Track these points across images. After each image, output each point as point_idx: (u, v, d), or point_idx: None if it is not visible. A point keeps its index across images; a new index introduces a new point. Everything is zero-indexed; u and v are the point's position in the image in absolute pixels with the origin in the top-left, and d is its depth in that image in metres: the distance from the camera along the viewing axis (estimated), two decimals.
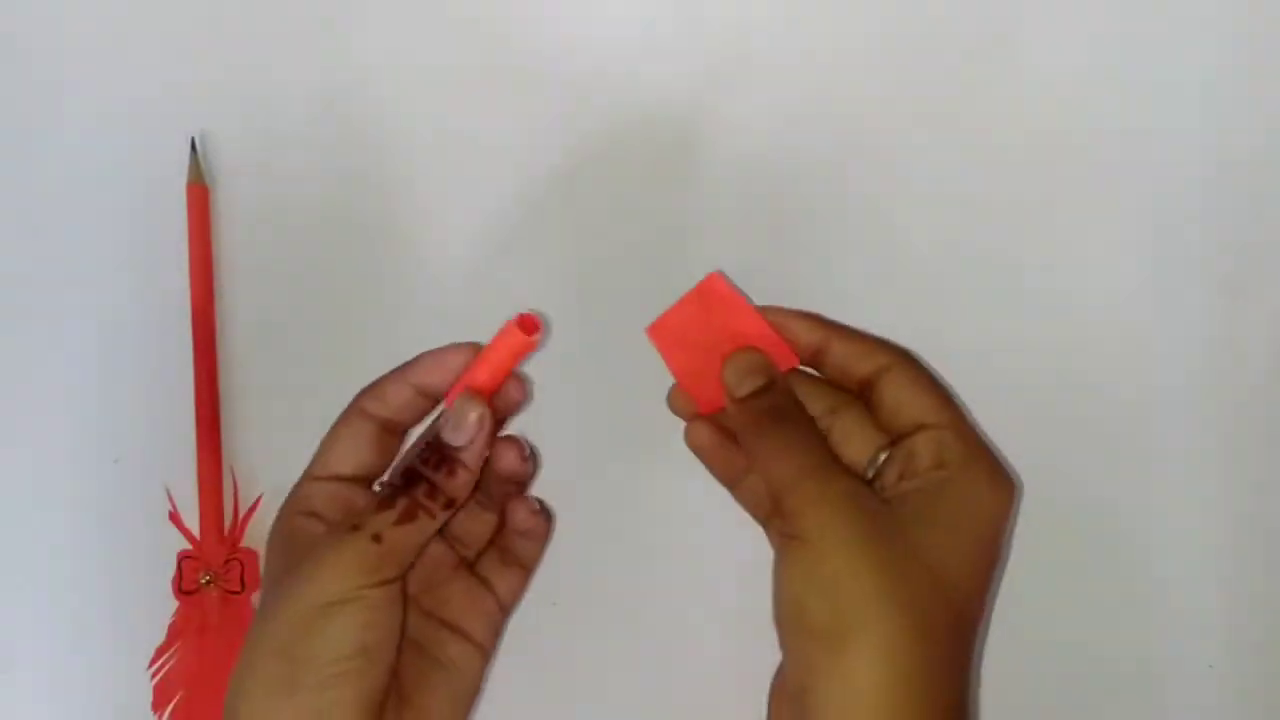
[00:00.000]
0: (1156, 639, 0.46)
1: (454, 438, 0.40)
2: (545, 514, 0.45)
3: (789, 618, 0.37)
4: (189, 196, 0.49)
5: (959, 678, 0.37)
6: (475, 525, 0.44)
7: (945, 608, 0.37)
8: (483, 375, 0.41)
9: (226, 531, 0.47)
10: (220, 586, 0.47)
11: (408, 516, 0.39)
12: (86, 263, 0.50)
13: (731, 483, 0.44)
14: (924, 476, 0.39)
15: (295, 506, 0.42)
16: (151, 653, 0.47)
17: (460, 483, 0.40)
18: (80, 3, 0.51)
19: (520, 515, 0.44)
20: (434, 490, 0.40)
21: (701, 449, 0.43)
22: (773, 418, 0.40)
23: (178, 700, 0.46)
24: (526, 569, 0.45)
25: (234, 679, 0.39)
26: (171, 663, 0.47)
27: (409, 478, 0.40)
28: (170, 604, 0.47)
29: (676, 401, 0.44)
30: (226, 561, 0.47)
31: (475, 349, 0.42)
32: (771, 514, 0.42)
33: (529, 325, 0.40)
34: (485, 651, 0.44)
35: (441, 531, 0.42)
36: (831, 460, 0.39)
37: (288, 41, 0.50)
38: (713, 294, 0.42)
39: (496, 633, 0.44)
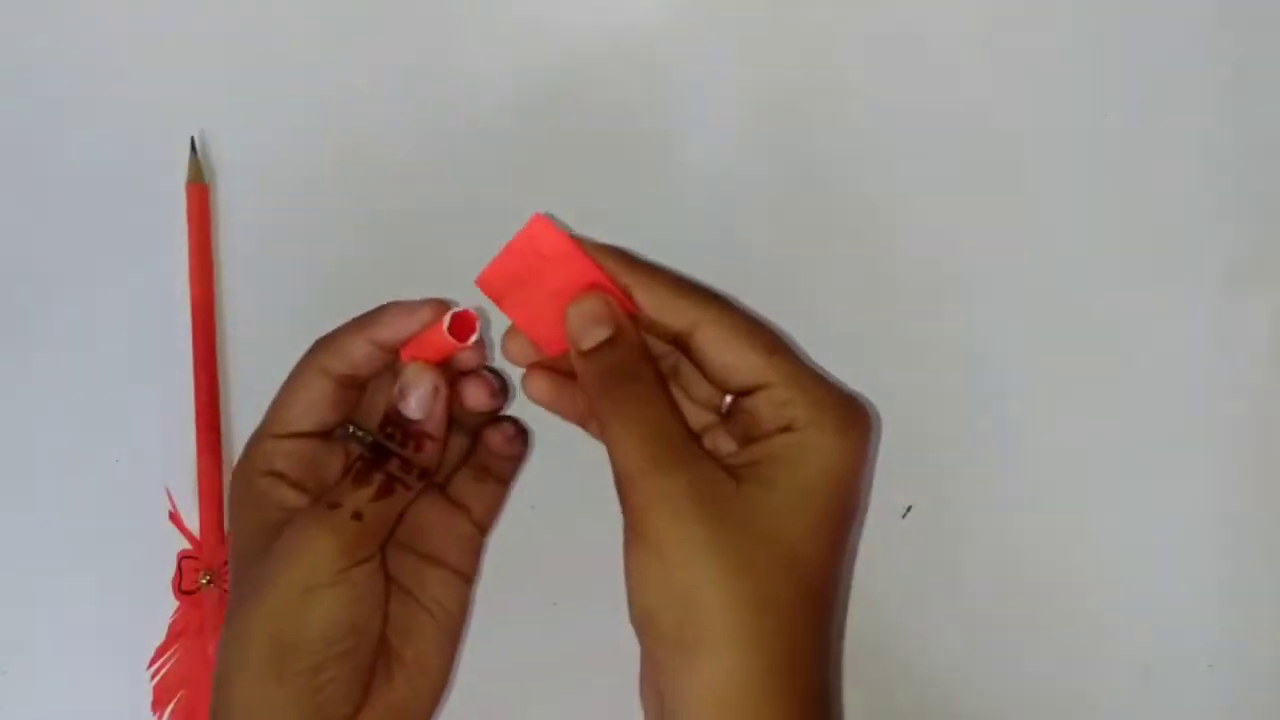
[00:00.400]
0: (1155, 638, 0.46)
1: (413, 413, 0.39)
2: (523, 434, 0.43)
3: (640, 622, 0.36)
4: (188, 195, 0.49)
5: (818, 653, 0.36)
6: (447, 452, 0.42)
7: (798, 589, 0.36)
8: (429, 354, 0.40)
9: (226, 531, 0.47)
10: (220, 586, 0.47)
11: (385, 492, 0.39)
12: (86, 261, 0.49)
13: (584, 424, 0.42)
14: (771, 441, 0.37)
15: (257, 466, 0.41)
16: (151, 653, 0.47)
17: (429, 454, 0.40)
18: (79, 2, 0.51)
19: (496, 441, 0.43)
20: (406, 464, 0.39)
21: (542, 400, 0.41)
22: (618, 379, 0.38)
23: (178, 700, 0.46)
24: (504, 483, 0.44)
25: (220, 665, 0.38)
26: (171, 663, 0.47)
27: (379, 452, 0.39)
28: (170, 604, 0.47)
29: (512, 347, 0.41)
30: (226, 562, 0.47)
31: (440, 308, 0.40)
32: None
33: (462, 329, 0.39)
34: (467, 579, 0.42)
35: None
36: (677, 440, 0.37)
37: (287, 39, 0.50)
38: (539, 238, 0.39)
39: (476, 557, 0.43)
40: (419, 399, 0.39)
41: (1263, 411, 0.47)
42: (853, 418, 0.37)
